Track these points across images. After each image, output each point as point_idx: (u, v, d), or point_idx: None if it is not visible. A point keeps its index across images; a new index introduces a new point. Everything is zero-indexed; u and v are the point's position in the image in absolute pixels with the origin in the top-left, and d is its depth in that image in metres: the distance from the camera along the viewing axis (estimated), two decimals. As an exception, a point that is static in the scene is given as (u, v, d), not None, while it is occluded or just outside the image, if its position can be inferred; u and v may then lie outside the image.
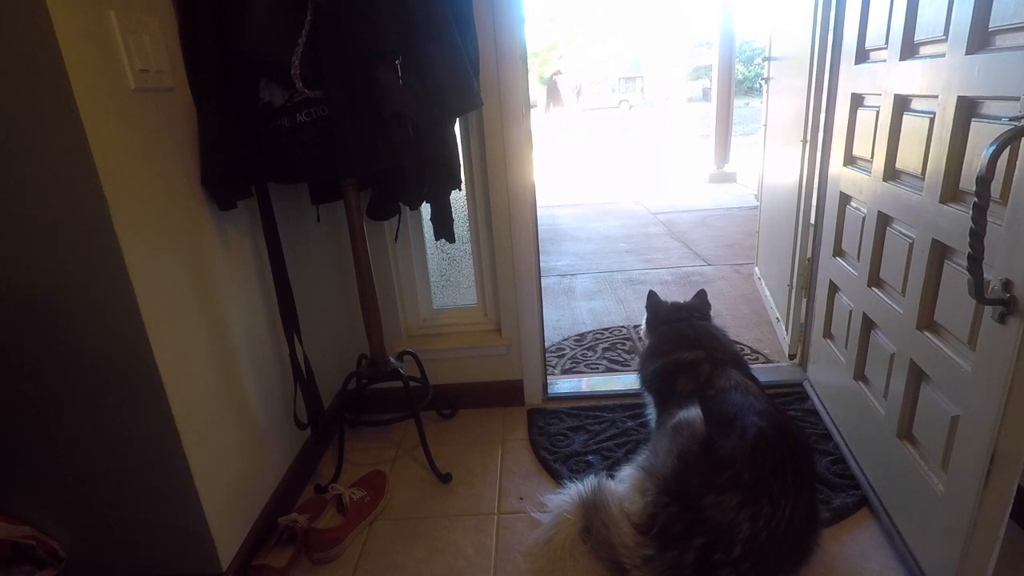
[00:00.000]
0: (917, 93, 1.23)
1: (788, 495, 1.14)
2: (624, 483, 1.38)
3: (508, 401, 2.00)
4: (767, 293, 2.69)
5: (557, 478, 1.62)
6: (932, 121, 1.15)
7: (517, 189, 1.78)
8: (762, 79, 2.93)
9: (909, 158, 1.26)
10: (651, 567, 1.18)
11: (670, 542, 1.17)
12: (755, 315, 2.65)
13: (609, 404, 1.95)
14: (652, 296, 1.85)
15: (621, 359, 2.32)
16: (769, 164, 2.70)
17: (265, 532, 1.40)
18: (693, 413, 1.33)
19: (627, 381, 2.07)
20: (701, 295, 1.82)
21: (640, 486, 1.30)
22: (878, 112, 1.39)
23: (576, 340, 2.53)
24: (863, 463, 1.51)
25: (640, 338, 2.49)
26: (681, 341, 1.61)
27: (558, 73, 11.77)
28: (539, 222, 1.88)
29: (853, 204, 1.57)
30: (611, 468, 1.62)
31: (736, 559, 1.11)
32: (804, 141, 1.98)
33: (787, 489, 1.15)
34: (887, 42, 1.35)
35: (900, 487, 1.30)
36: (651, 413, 1.64)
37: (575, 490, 1.39)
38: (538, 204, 1.86)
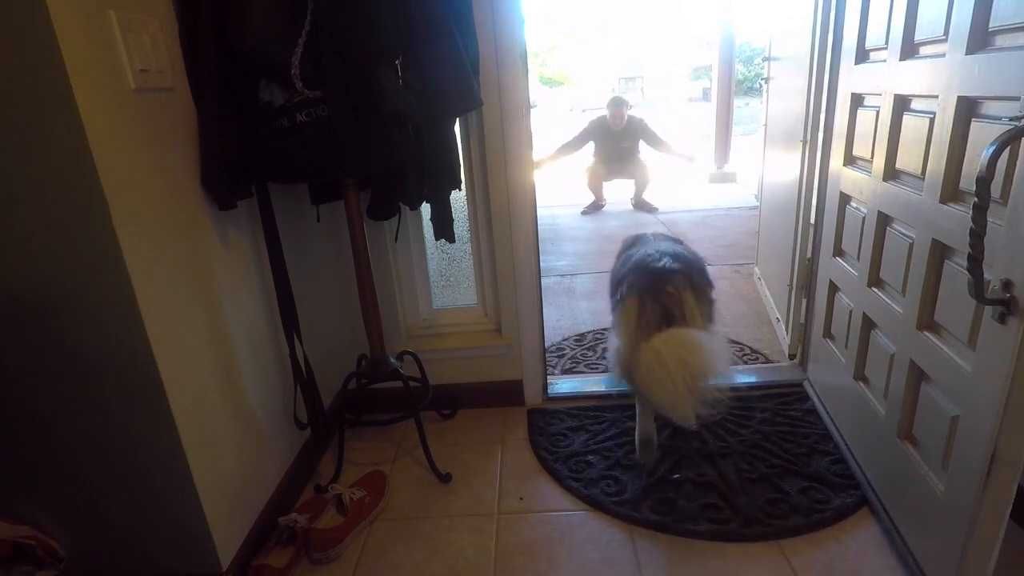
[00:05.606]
0: (917, 93, 1.23)
1: None
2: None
3: (508, 401, 2.00)
4: (767, 293, 2.69)
5: (557, 478, 1.62)
6: (932, 121, 1.15)
7: (517, 189, 1.78)
8: (762, 79, 2.93)
9: (909, 158, 1.26)
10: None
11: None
12: (755, 315, 2.65)
13: (609, 404, 1.95)
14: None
15: (621, 359, 2.32)
16: (769, 164, 2.70)
17: (265, 532, 1.40)
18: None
19: (627, 381, 2.07)
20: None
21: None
22: (878, 112, 1.39)
23: (576, 340, 2.53)
24: (863, 463, 1.51)
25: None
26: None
27: None
28: (539, 222, 1.88)
29: (853, 204, 1.57)
30: (611, 468, 1.62)
31: None
32: (804, 141, 1.98)
33: None
34: (887, 42, 1.35)
35: (900, 487, 1.30)
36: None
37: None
38: (538, 204, 1.85)
